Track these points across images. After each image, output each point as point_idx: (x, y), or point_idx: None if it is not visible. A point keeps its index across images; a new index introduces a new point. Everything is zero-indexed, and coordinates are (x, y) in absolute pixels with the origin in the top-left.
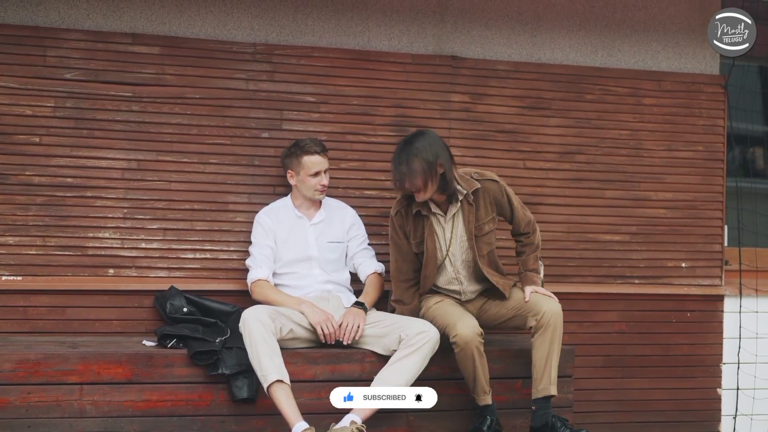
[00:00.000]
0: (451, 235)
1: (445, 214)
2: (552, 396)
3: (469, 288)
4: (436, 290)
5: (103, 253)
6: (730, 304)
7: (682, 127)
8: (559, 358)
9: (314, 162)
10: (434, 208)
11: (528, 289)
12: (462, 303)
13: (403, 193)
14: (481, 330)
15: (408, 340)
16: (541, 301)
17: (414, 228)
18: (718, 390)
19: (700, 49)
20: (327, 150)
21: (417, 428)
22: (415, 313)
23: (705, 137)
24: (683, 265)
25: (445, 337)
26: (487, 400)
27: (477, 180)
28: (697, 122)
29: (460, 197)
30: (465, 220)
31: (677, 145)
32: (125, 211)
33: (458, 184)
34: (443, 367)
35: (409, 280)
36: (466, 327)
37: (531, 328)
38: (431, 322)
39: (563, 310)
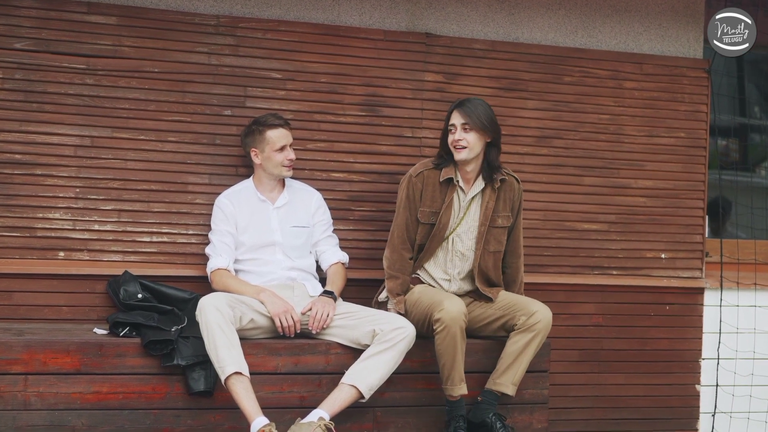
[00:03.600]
0: (464, 215)
1: (466, 193)
2: (505, 395)
3: (458, 289)
4: (423, 279)
5: (53, 234)
6: (710, 298)
7: (663, 113)
8: (529, 364)
9: (279, 135)
10: (461, 182)
11: None
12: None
13: (436, 158)
14: (466, 311)
15: (383, 335)
16: (534, 303)
17: (432, 197)
18: (697, 386)
19: (684, 32)
20: (290, 124)
21: (384, 424)
22: (405, 286)
23: (687, 123)
24: (663, 256)
25: (422, 327)
26: (463, 389)
27: (505, 173)
28: (679, 108)
29: (495, 176)
30: (483, 205)
31: (658, 131)
32: (77, 190)
33: None
34: (412, 361)
35: (411, 251)
36: (453, 305)
37: (515, 326)
38: (415, 304)
39: (549, 301)
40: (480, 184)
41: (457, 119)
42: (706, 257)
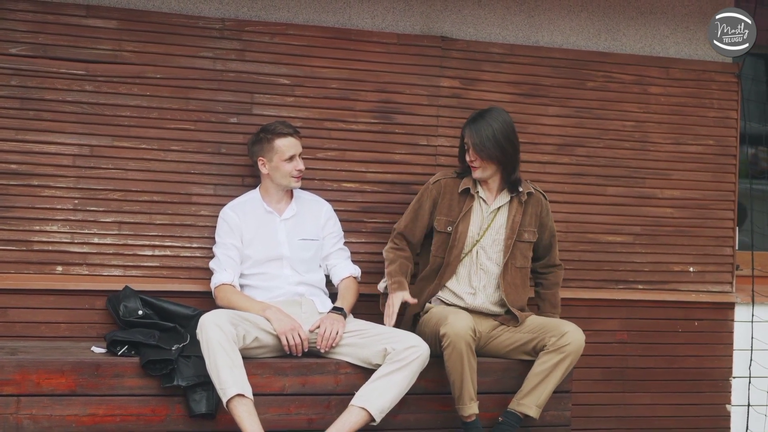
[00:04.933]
0: (488, 227)
1: (489, 204)
2: (528, 418)
3: (484, 303)
4: (444, 300)
5: (50, 248)
6: (741, 313)
7: (691, 119)
8: (555, 387)
9: (288, 144)
10: (482, 192)
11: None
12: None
13: (460, 166)
14: (474, 328)
15: (395, 354)
16: (565, 324)
17: (450, 205)
18: (727, 406)
19: None
20: (299, 132)
21: None
22: (404, 268)
23: (716, 130)
24: (691, 269)
25: (434, 346)
26: (474, 408)
27: (531, 187)
28: (707, 114)
29: (520, 189)
30: (510, 218)
31: (686, 138)
32: (76, 202)
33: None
34: (426, 381)
35: (407, 248)
36: (459, 320)
37: (545, 347)
38: (427, 323)
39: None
40: (506, 196)
41: (468, 139)
42: (737, 270)
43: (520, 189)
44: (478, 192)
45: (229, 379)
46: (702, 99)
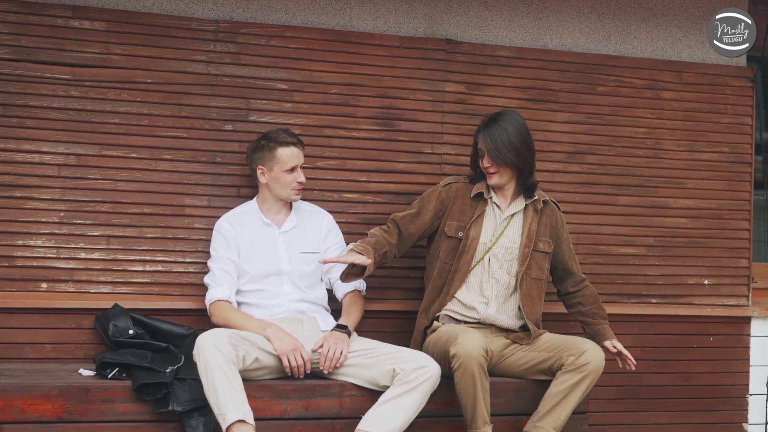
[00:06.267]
0: (501, 233)
1: (503, 210)
2: None
3: (497, 313)
4: (453, 314)
5: (34, 264)
6: (758, 327)
7: (705, 125)
8: (573, 409)
9: (291, 155)
10: (496, 197)
11: (611, 343)
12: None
13: (472, 173)
14: (486, 347)
15: (405, 375)
16: (584, 342)
17: (461, 210)
18: (744, 425)
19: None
20: (303, 143)
21: None
22: (380, 240)
23: (730, 137)
24: (706, 282)
25: (444, 366)
26: (488, 431)
27: (546, 196)
28: (722, 120)
29: (535, 197)
30: (526, 225)
31: (699, 145)
32: (62, 214)
33: None
34: (436, 404)
35: (396, 234)
36: (470, 340)
37: (562, 366)
38: (436, 343)
39: (568, 333)
40: (521, 202)
41: (483, 145)
42: (753, 283)
43: (536, 196)
44: (491, 197)
45: (229, 403)
46: (716, 104)
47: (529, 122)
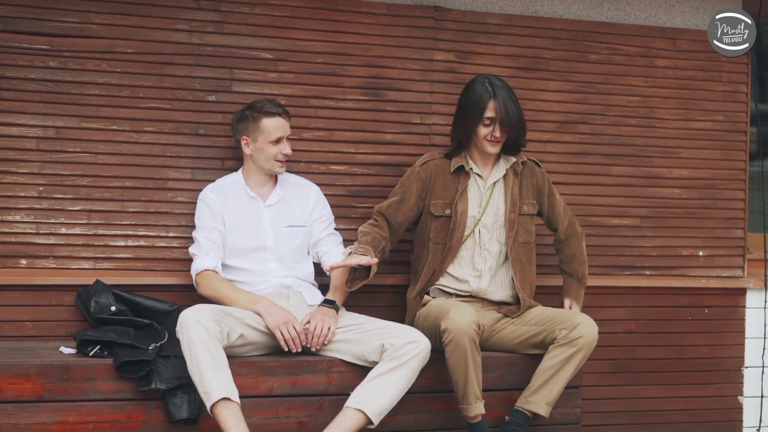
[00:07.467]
0: (486, 204)
1: (486, 179)
2: (537, 416)
3: (489, 286)
4: (444, 288)
5: (13, 240)
6: (753, 299)
7: (699, 94)
8: (566, 384)
9: (276, 125)
10: (476, 168)
11: (567, 301)
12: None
13: (451, 146)
14: (478, 321)
15: (394, 350)
16: (577, 315)
17: (444, 186)
18: (740, 398)
19: (721, 4)
20: (289, 113)
21: None
22: (376, 238)
23: (726, 105)
24: (700, 253)
25: (434, 341)
26: (480, 408)
27: (524, 156)
28: (716, 88)
29: (514, 161)
30: (508, 191)
31: (694, 114)
32: (41, 189)
33: None
34: (426, 379)
35: (387, 227)
36: (461, 314)
37: (555, 339)
38: (426, 317)
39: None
40: (501, 169)
41: (496, 113)
42: (748, 254)
43: (513, 158)
44: (472, 168)
45: (214, 381)
46: (711, 72)
47: (520, 91)
